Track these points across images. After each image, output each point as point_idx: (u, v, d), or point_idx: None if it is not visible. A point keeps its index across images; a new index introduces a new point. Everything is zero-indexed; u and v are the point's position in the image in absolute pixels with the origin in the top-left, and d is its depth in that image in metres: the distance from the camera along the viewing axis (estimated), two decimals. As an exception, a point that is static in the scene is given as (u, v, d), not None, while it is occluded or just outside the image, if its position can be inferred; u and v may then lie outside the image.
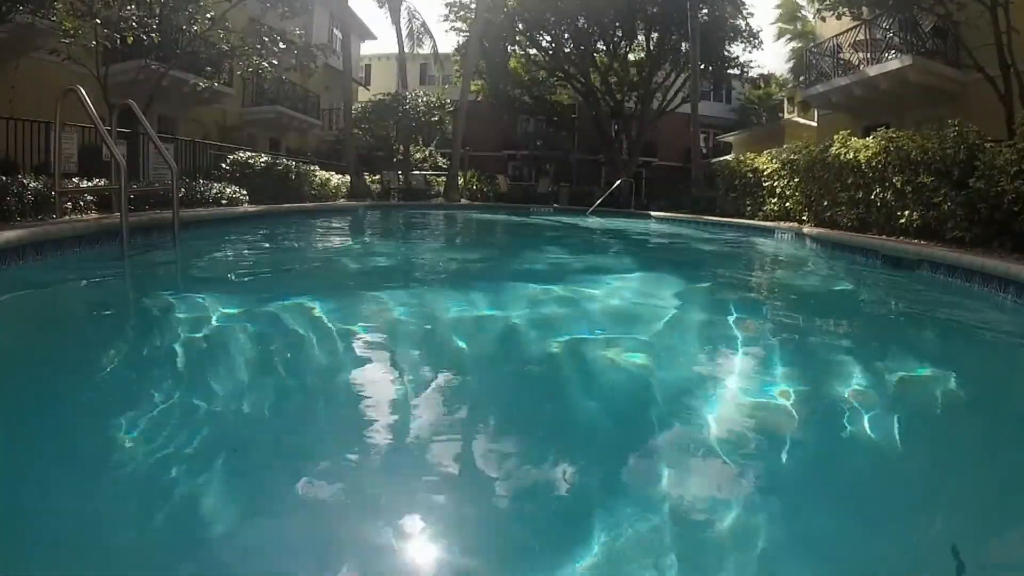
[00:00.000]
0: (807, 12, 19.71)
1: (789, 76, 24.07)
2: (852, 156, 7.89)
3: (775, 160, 10.90)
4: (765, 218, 11.08)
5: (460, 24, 22.84)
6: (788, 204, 10.30)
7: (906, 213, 6.76)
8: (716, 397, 2.22)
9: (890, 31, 11.73)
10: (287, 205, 10.32)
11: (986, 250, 5.41)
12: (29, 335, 2.79)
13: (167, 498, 1.39)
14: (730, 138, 24.31)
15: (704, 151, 24.11)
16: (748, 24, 21.54)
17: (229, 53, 10.20)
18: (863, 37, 12.27)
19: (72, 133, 7.02)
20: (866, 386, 2.37)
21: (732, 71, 23.07)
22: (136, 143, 8.37)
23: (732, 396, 2.25)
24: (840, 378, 2.51)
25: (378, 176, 18.27)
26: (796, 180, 9.91)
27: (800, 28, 22.40)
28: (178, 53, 10.27)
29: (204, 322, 2.91)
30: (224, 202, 8.59)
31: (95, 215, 5.79)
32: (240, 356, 2.48)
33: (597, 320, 3.54)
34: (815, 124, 17.32)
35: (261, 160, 10.82)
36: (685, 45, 20.16)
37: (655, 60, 21.81)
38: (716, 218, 12.47)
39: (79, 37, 7.07)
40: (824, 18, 12.99)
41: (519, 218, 14.92)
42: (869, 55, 12.10)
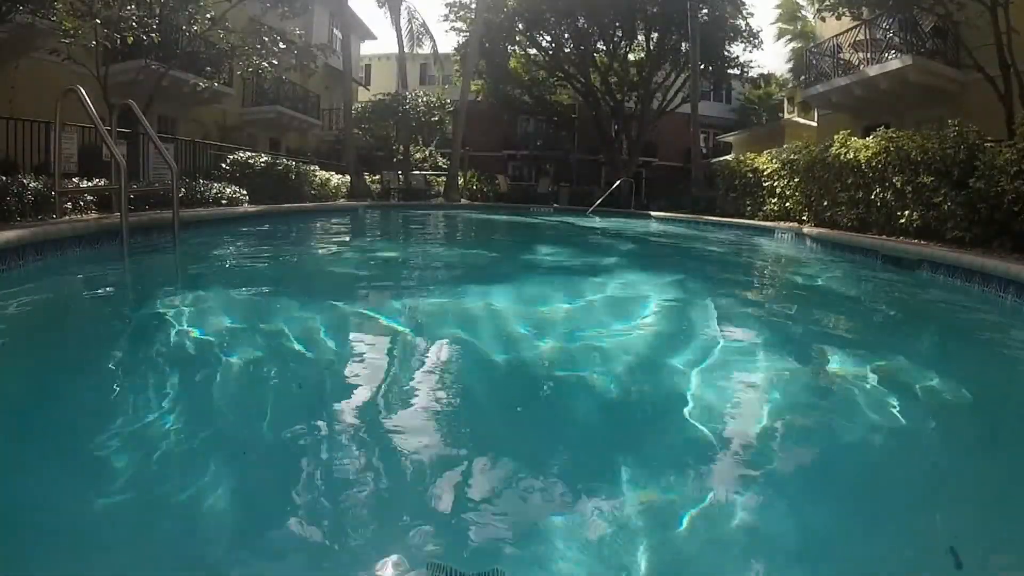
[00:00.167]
0: (807, 12, 19.75)
1: (789, 76, 24.07)
2: (852, 156, 7.89)
3: (775, 160, 10.90)
4: (765, 218, 11.08)
5: (460, 24, 22.86)
6: (788, 204, 10.31)
7: (906, 213, 6.76)
8: (715, 396, 2.22)
9: (890, 31, 11.73)
10: (287, 205, 10.32)
11: (986, 250, 5.41)
12: (29, 335, 2.79)
13: (164, 499, 1.39)
14: (730, 138, 24.31)
15: (704, 151, 24.10)
16: (748, 24, 21.57)
17: (229, 53, 10.21)
18: (863, 37, 12.26)
19: (72, 133, 7.02)
20: (866, 386, 2.37)
21: (732, 71, 23.06)
22: (136, 143, 8.37)
23: (731, 395, 2.25)
24: (840, 378, 2.51)
25: (378, 176, 18.27)
26: (796, 180, 9.91)
27: (800, 28, 22.41)
28: (178, 53, 10.27)
29: (204, 322, 2.91)
30: (224, 202, 8.59)
31: (95, 215, 5.79)
32: (240, 356, 2.48)
33: (597, 319, 3.54)
34: (815, 124, 17.32)
35: (261, 160, 10.83)
36: (685, 45, 20.15)
37: (655, 60, 21.80)
38: (716, 218, 12.47)
39: (79, 37, 7.07)
40: (824, 18, 12.99)
41: (519, 218, 14.92)
42: (869, 55, 12.10)
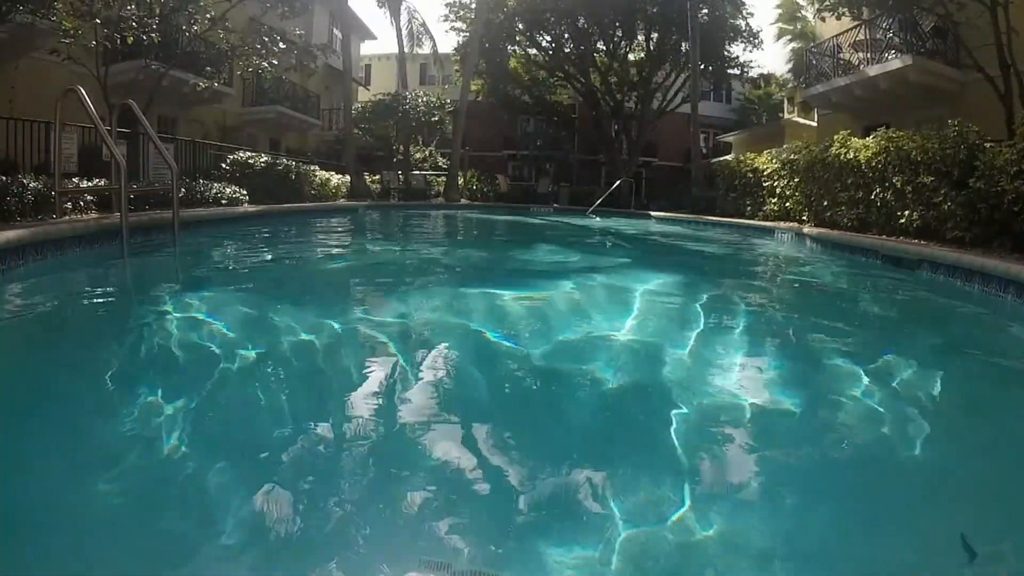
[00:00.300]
0: (807, 12, 19.74)
1: (789, 76, 24.08)
2: (852, 156, 7.89)
3: (775, 160, 10.90)
4: (765, 218, 11.07)
5: (460, 24, 22.86)
6: (788, 204, 10.30)
7: (906, 213, 6.76)
8: (714, 395, 2.22)
9: (890, 31, 11.72)
10: (287, 205, 10.32)
11: (986, 250, 5.41)
12: (29, 335, 2.79)
13: (163, 497, 1.39)
14: (730, 138, 24.31)
15: (704, 151, 24.09)
16: (748, 24, 21.58)
17: (229, 53, 10.20)
18: (863, 37, 12.26)
19: (72, 133, 7.02)
20: (865, 386, 2.37)
21: (732, 71, 23.06)
22: (136, 143, 8.37)
23: (730, 394, 2.25)
24: (840, 378, 2.51)
25: (378, 176, 18.27)
26: (796, 180, 9.91)
27: (800, 28, 22.41)
28: (178, 53, 10.27)
29: (204, 322, 2.91)
30: (224, 202, 8.59)
31: (95, 215, 5.79)
32: (240, 357, 2.48)
33: (597, 318, 3.54)
34: (815, 124, 17.32)
35: (261, 160, 10.83)
36: (685, 45, 20.15)
37: (655, 60, 21.81)
38: (716, 218, 12.46)
39: (79, 37, 7.06)
40: (824, 18, 12.99)
41: (519, 218, 14.92)
42: (869, 55, 12.09)
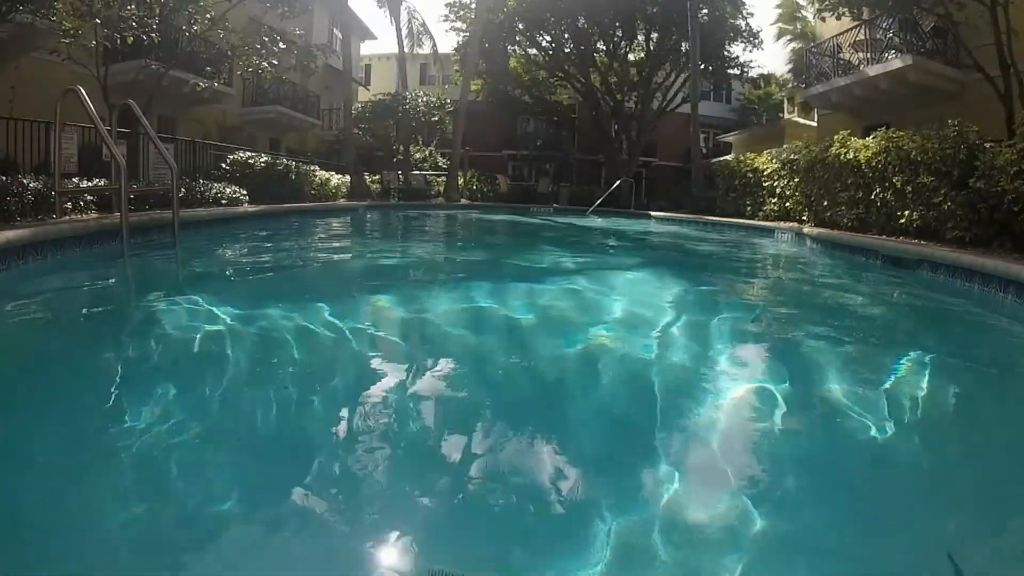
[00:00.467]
0: (807, 12, 19.74)
1: (789, 76, 24.08)
2: (852, 156, 7.89)
3: (775, 160, 10.90)
4: (765, 218, 11.08)
5: (460, 24, 22.85)
6: (788, 204, 10.31)
7: (906, 213, 6.76)
8: (713, 394, 2.22)
9: (890, 31, 11.72)
10: (287, 205, 10.32)
11: (986, 250, 5.41)
12: (29, 335, 2.79)
13: (162, 496, 1.39)
14: (730, 138, 24.31)
15: (704, 151, 24.08)
16: (748, 24, 21.55)
17: (229, 53, 10.20)
18: (863, 37, 12.26)
19: (72, 133, 7.02)
20: (865, 386, 2.37)
21: (732, 71, 23.05)
22: (136, 143, 8.36)
23: (730, 393, 2.25)
24: (839, 378, 2.51)
25: (378, 176, 18.26)
26: (796, 180, 9.92)
27: (800, 29, 22.42)
28: (178, 53, 10.26)
29: (204, 323, 2.91)
30: (224, 202, 8.59)
31: (95, 215, 5.78)
32: (240, 357, 2.48)
33: (597, 316, 3.54)
34: (815, 124, 17.32)
35: (261, 160, 10.82)
36: (685, 45, 20.15)
37: (655, 60, 21.80)
38: (716, 218, 12.47)
39: (79, 37, 7.06)
40: (824, 18, 12.99)
41: (519, 218, 14.92)
42: (869, 55, 12.09)
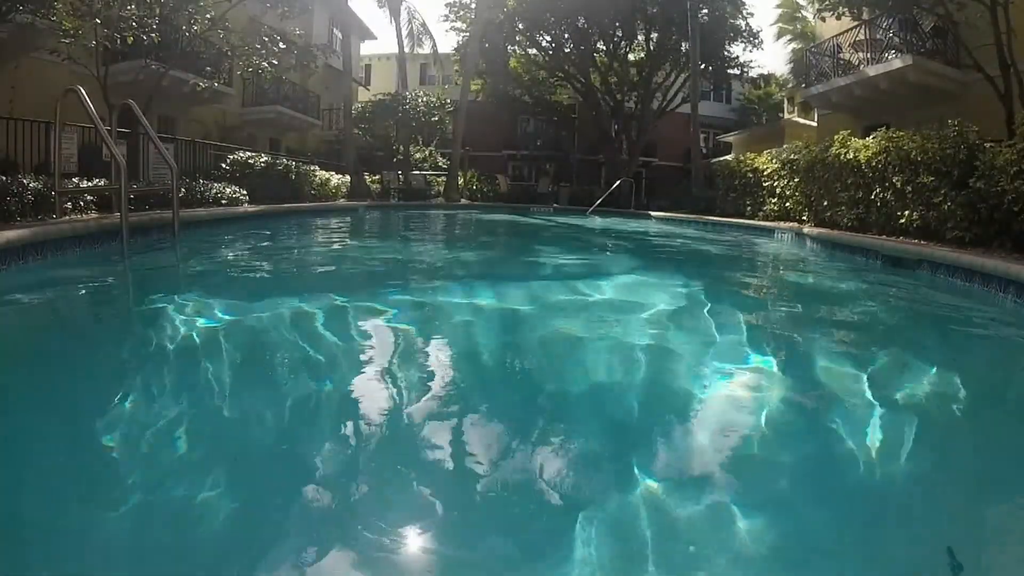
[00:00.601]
0: (807, 12, 19.75)
1: (789, 76, 24.08)
2: (852, 156, 7.89)
3: (775, 160, 10.90)
4: (765, 218, 11.08)
5: (460, 24, 22.85)
6: (788, 204, 10.31)
7: (906, 213, 6.76)
8: (712, 394, 2.22)
9: (890, 31, 11.73)
10: (287, 205, 10.32)
11: (986, 250, 5.41)
12: (29, 335, 2.79)
13: (161, 501, 1.39)
14: (730, 138, 24.31)
15: (704, 151, 24.09)
16: (748, 24, 21.57)
17: (229, 53, 10.20)
18: (863, 37, 12.26)
19: (72, 133, 7.03)
20: (865, 386, 2.37)
21: (732, 71, 23.07)
22: (136, 143, 8.37)
23: (729, 393, 2.25)
24: (840, 378, 2.51)
25: (378, 176, 18.27)
26: (796, 180, 9.92)
27: (800, 28, 22.42)
28: (178, 53, 10.27)
29: (204, 323, 2.91)
30: (224, 202, 8.59)
31: (95, 215, 5.79)
32: (240, 357, 2.48)
33: (596, 316, 3.54)
34: (815, 124, 17.32)
35: (261, 160, 10.83)
36: (685, 45, 20.15)
37: (655, 60, 21.80)
38: (716, 218, 12.47)
39: (79, 37, 7.06)
40: (824, 18, 12.99)
41: (519, 218, 14.92)
42: (869, 55, 12.09)
